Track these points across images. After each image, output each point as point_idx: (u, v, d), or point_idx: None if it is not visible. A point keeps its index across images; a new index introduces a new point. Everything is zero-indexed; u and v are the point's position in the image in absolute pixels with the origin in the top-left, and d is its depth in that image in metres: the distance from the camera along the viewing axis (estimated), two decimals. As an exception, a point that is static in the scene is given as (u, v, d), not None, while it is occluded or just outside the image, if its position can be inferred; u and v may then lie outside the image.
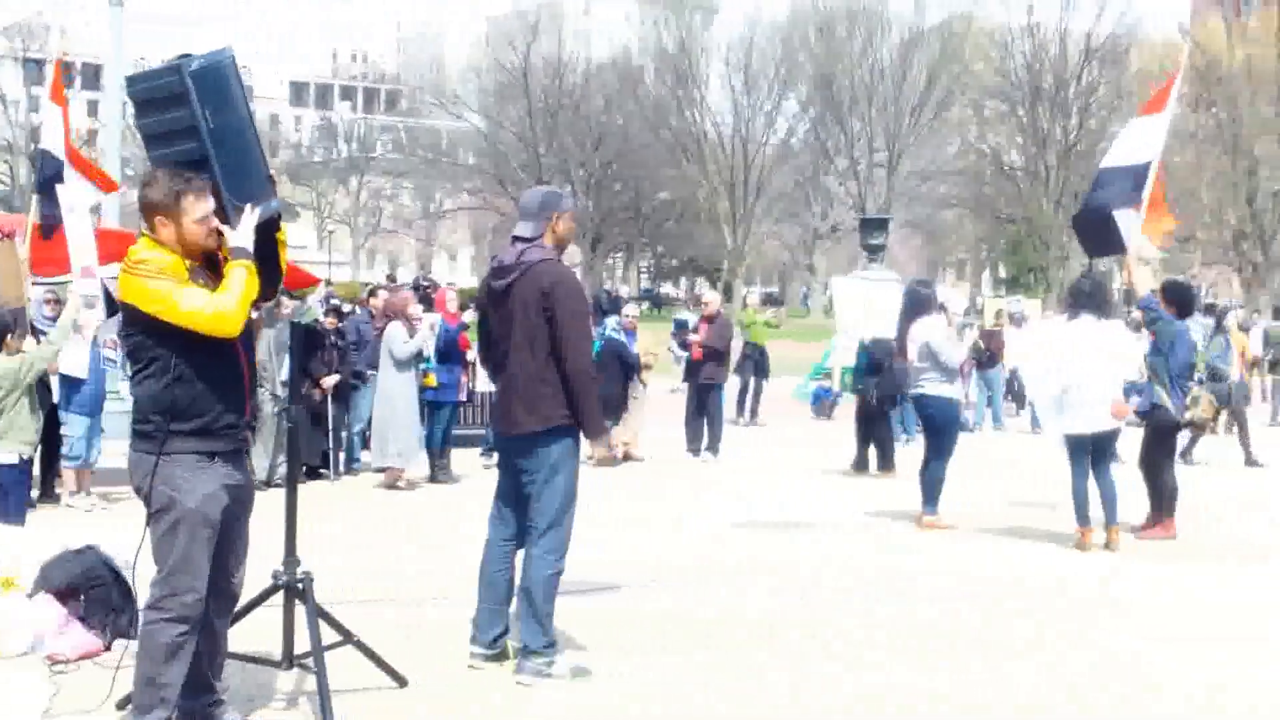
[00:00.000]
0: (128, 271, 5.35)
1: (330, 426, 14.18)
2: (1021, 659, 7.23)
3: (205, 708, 5.68)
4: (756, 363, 20.97)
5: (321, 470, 14.24)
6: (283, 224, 5.83)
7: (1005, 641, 7.62)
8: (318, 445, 14.18)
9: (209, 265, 5.51)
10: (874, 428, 15.61)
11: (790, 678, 6.76)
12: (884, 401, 15.55)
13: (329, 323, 14.67)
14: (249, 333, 5.59)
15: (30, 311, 11.73)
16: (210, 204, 5.40)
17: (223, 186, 5.46)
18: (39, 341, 10.67)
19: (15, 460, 8.68)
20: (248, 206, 5.50)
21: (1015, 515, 12.18)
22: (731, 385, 19.19)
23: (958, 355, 12.33)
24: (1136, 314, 11.49)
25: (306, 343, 13.89)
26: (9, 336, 8.83)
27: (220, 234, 5.47)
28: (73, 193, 10.86)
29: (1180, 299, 11.59)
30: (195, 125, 5.42)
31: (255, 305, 5.76)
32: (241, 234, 5.46)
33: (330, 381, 14.00)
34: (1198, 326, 16.13)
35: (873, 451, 15.60)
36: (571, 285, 6.68)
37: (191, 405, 5.35)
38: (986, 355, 21.41)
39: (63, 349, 10.66)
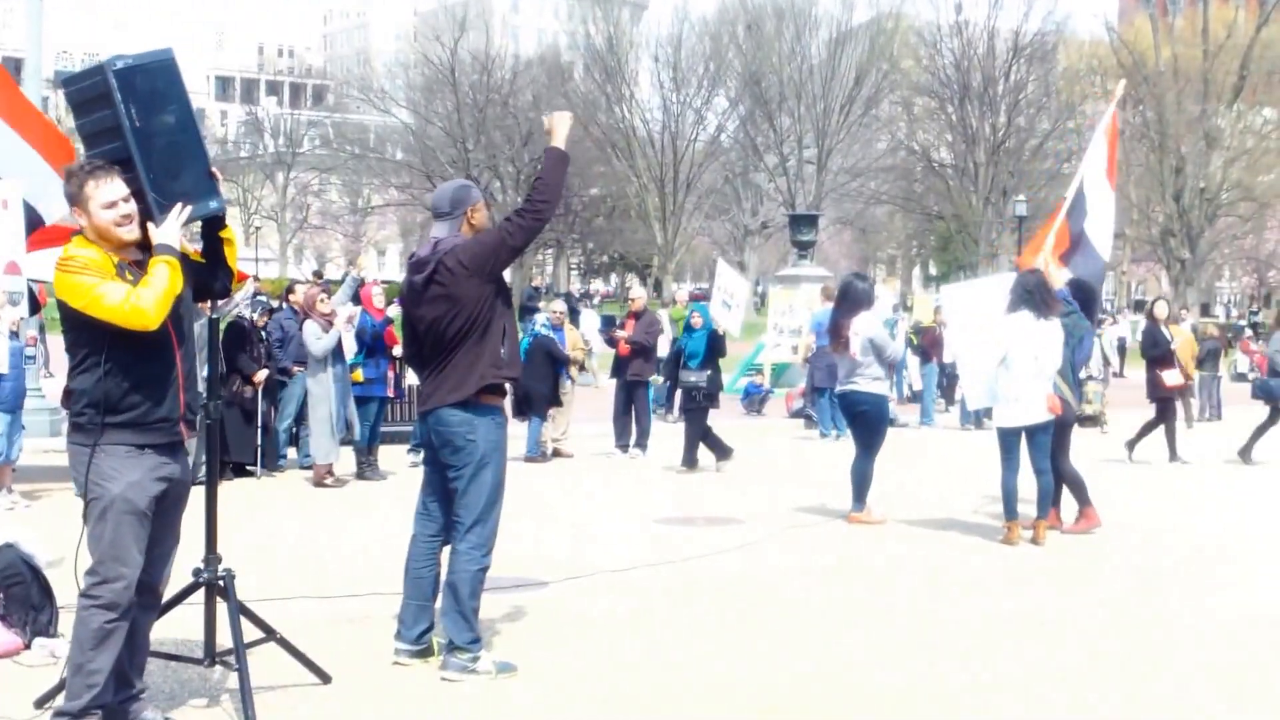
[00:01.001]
0: (58, 268, 5.36)
1: (260, 423, 14.10)
2: (921, 647, 7.30)
3: (123, 703, 5.64)
4: None
5: (249, 467, 14.13)
6: (227, 223, 5.81)
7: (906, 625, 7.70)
8: (249, 442, 14.08)
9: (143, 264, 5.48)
10: (698, 423, 15.55)
11: (711, 671, 6.77)
12: (711, 398, 15.46)
13: (257, 319, 14.57)
14: (183, 328, 5.54)
15: None
16: (117, 189, 5.39)
17: (146, 185, 5.45)
18: None
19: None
20: (177, 205, 5.48)
21: (945, 510, 12.29)
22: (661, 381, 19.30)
23: (899, 350, 12.41)
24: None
25: (236, 339, 13.80)
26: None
27: (146, 229, 5.45)
28: (4, 189, 10.69)
29: (1085, 297, 11.83)
30: (119, 124, 5.42)
31: (212, 302, 5.84)
32: (166, 230, 5.45)
33: (261, 377, 13.92)
34: (1126, 322, 16.38)
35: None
36: (478, 240, 6.59)
37: (123, 399, 5.37)
38: (920, 351, 21.63)
39: None
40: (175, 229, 5.46)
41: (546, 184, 6.61)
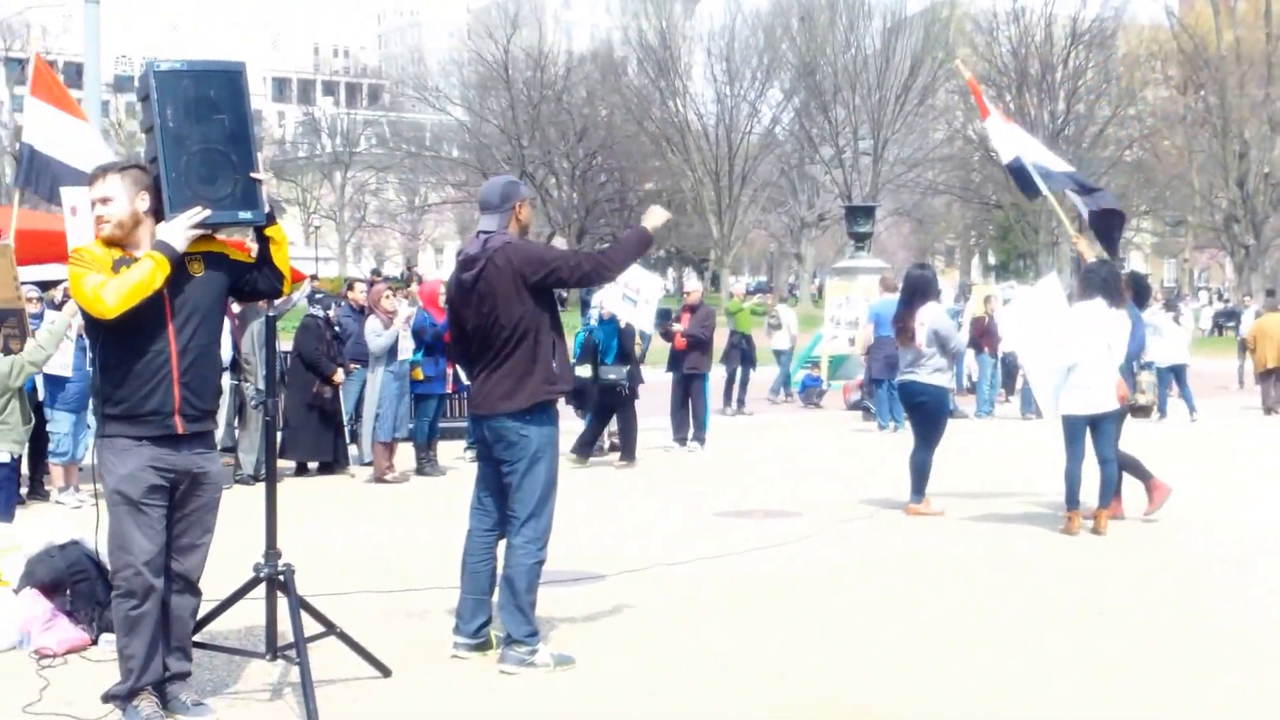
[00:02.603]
0: (68, 264, 5.67)
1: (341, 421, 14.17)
2: (982, 641, 7.27)
3: (160, 684, 5.79)
4: (744, 351, 20.87)
5: (332, 464, 14.26)
6: (278, 223, 5.90)
7: (976, 623, 7.67)
8: (329, 441, 14.15)
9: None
10: (627, 416, 15.48)
11: (771, 665, 6.79)
12: (635, 392, 15.41)
13: (331, 315, 14.60)
14: (187, 322, 5.64)
15: None
16: (97, 190, 5.61)
17: (164, 184, 5.59)
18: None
19: (7, 459, 8.71)
20: (195, 208, 5.60)
21: (1004, 501, 12.22)
22: (719, 374, 19.26)
23: (964, 342, 12.33)
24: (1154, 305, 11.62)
25: (312, 338, 13.87)
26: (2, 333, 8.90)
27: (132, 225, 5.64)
28: (78, 194, 10.86)
29: (1139, 287, 11.74)
30: (152, 124, 5.61)
31: (269, 302, 5.98)
32: (169, 229, 5.59)
33: (340, 377, 13.98)
34: (1189, 310, 16.23)
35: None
36: (539, 248, 6.79)
37: (116, 391, 5.58)
38: (972, 342, 21.48)
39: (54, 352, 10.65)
40: (180, 229, 5.58)
41: (620, 252, 6.77)
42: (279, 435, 15.08)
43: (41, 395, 11.88)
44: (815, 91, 68.67)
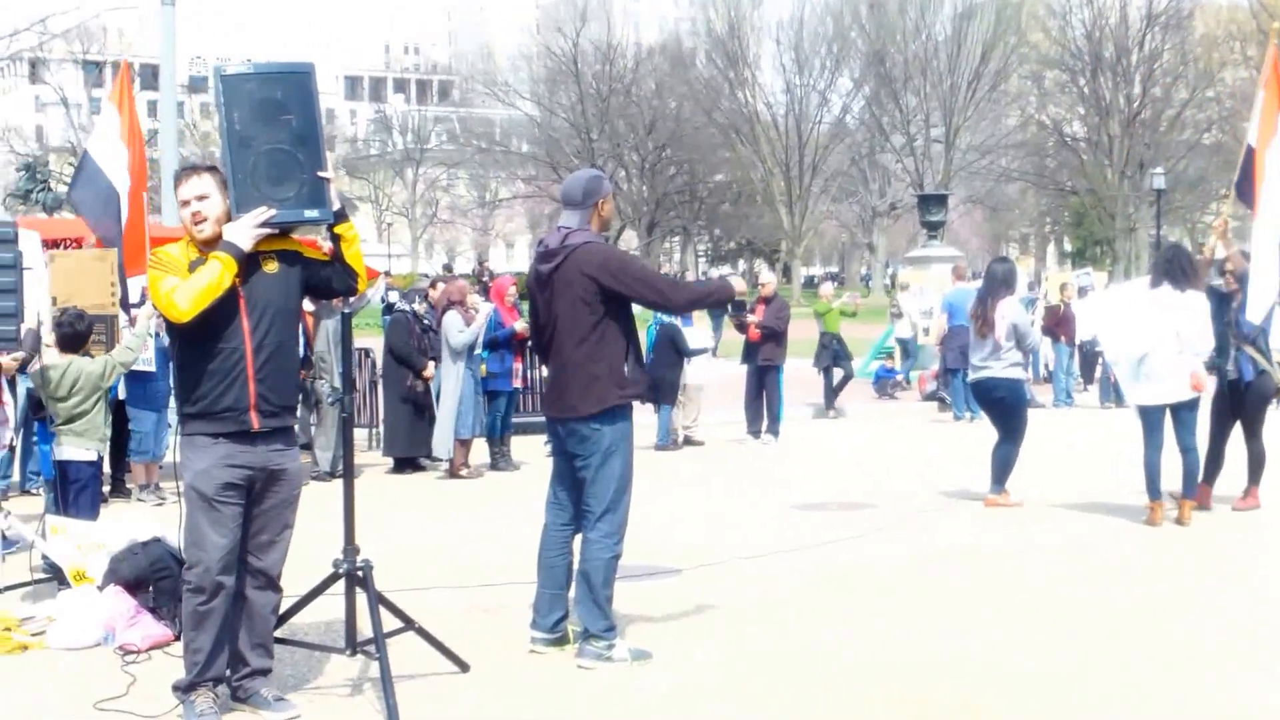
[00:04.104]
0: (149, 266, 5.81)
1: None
2: (1076, 631, 7.20)
3: (240, 680, 5.88)
4: (835, 352, 20.32)
5: (422, 461, 14.31)
6: (348, 220, 5.94)
7: (1062, 613, 7.60)
8: (423, 437, 14.19)
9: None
10: None
11: (851, 657, 6.76)
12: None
13: (419, 309, 14.62)
14: (263, 319, 5.69)
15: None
16: (191, 188, 5.71)
17: (230, 185, 5.67)
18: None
19: (93, 458, 8.83)
20: (261, 208, 5.65)
21: (1085, 491, 12.09)
22: (797, 370, 19.10)
23: (1038, 338, 12.16)
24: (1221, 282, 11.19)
25: (402, 334, 13.94)
26: (90, 339, 9.00)
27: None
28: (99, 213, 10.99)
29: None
30: (220, 125, 5.72)
31: (344, 300, 6.07)
32: (235, 229, 5.65)
33: (431, 371, 13.96)
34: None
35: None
36: (621, 257, 6.79)
37: (194, 388, 5.67)
38: (1048, 331, 21.26)
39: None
40: (246, 229, 5.63)
41: (696, 294, 7.10)
42: (378, 432, 15.31)
43: (123, 394, 12.05)
44: (885, 79, 68.35)
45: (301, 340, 11.85)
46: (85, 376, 8.77)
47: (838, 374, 19.86)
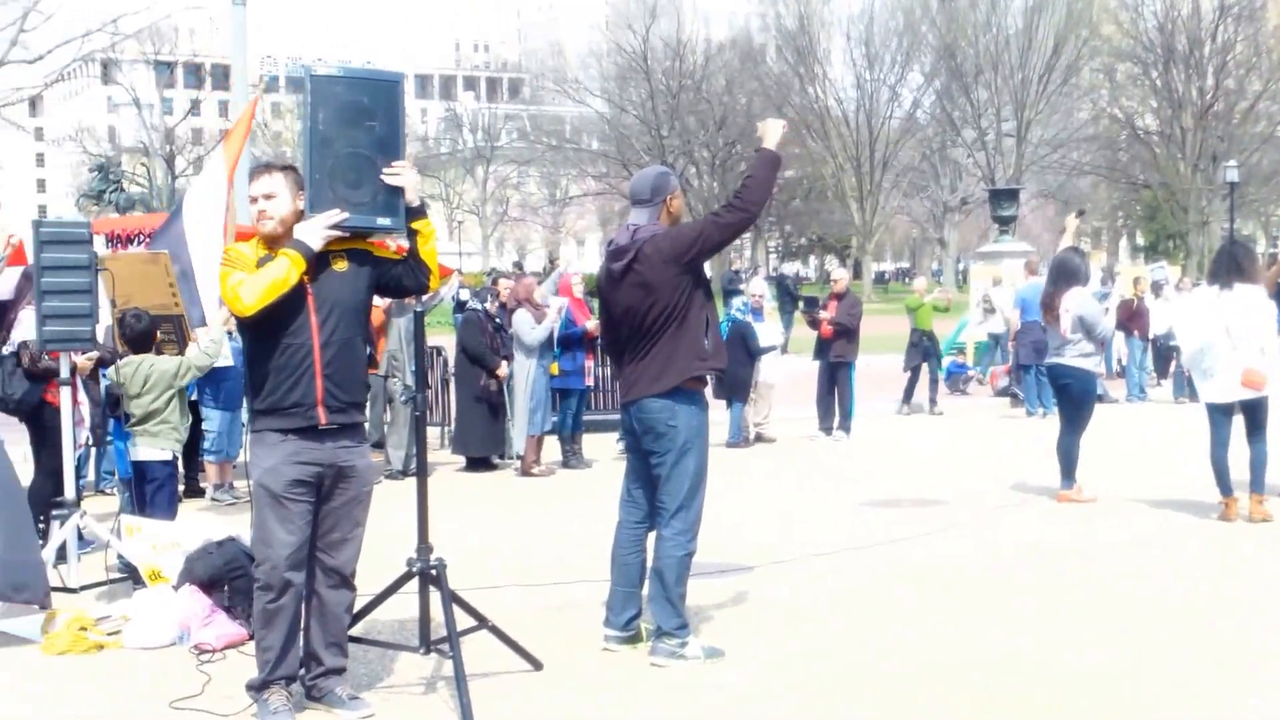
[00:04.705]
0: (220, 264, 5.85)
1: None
2: (1152, 631, 7.10)
3: (315, 679, 5.91)
4: (926, 349, 19.73)
5: (495, 460, 14.34)
6: (426, 217, 5.95)
7: (1138, 610, 7.49)
8: (497, 436, 14.21)
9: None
10: None
11: (925, 654, 6.70)
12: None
13: (490, 308, 14.64)
14: (330, 316, 5.72)
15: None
16: (260, 186, 5.76)
17: (307, 187, 5.72)
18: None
19: (169, 457, 8.91)
20: (333, 210, 5.69)
21: (1158, 487, 11.94)
22: (870, 365, 18.98)
23: (1111, 326, 12.00)
24: None
25: (475, 332, 13.98)
26: (158, 334, 9.06)
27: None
28: (195, 222, 11.09)
29: None
30: (303, 124, 5.77)
31: (416, 297, 6.11)
32: (306, 228, 5.70)
33: (505, 370, 13.97)
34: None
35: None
36: (673, 229, 6.67)
37: (263, 385, 5.71)
38: (1121, 325, 21.00)
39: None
40: (317, 229, 5.67)
41: (755, 183, 6.59)
42: (450, 431, 15.36)
43: (196, 394, 12.15)
44: (956, 73, 67.89)
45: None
46: (158, 375, 8.83)
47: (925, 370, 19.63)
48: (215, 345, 9.24)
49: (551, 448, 14.31)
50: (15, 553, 7.12)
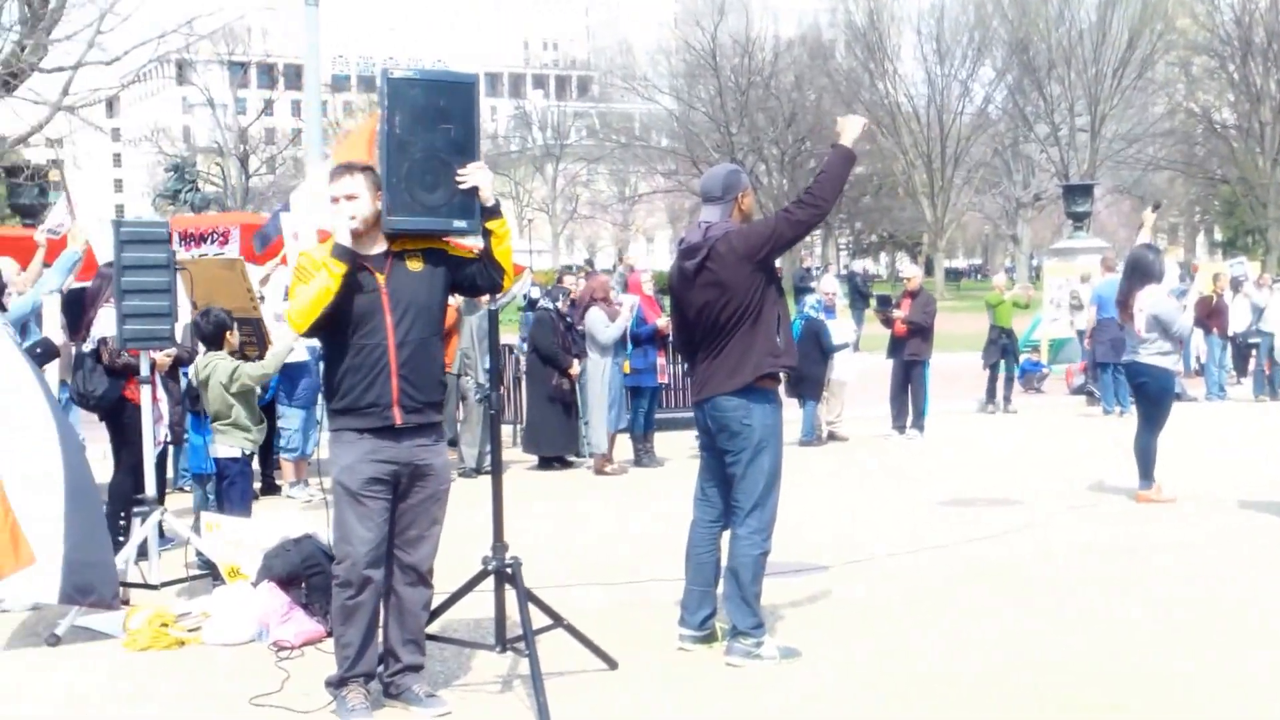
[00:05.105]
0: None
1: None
2: (1246, 637, 7.00)
3: (393, 676, 5.94)
4: (1004, 347, 19.46)
5: (570, 459, 14.34)
6: (501, 216, 5.95)
7: (1229, 615, 7.39)
8: (571, 434, 14.22)
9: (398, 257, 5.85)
10: None
11: (1001, 656, 6.64)
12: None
13: (561, 307, 14.68)
14: (405, 317, 5.75)
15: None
16: (343, 186, 5.79)
17: (384, 189, 5.74)
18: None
19: (238, 454, 8.97)
20: (384, 215, 5.74)
21: (1239, 486, 11.78)
22: (945, 364, 18.86)
23: (1188, 324, 11.82)
24: None
25: (547, 331, 14.00)
26: (227, 333, 9.12)
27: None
28: (298, 221, 11.17)
29: None
30: (381, 127, 5.78)
31: (491, 296, 6.16)
32: (334, 227, 5.77)
33: (577, 369, 13.98)
34: None
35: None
36: (745, 227, 6.65)
37: (339, 385, 5.77)
38: (1199, 322, 20.71)
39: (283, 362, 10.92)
40: (342, 223, 5.72)
41: (828, 179, 6.53)
42: (521, 429, 15.40)
43: (272, 393, 12.24)
44: (1029, 68, 67.22)
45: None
46: (214, 374, 8.89)
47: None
48: (276, 360, 9.28)
49: (624, 446, 14.32)
50: (84, 554, 7.18)
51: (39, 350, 8.87)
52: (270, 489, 12.63)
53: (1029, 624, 7.28)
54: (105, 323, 9.18)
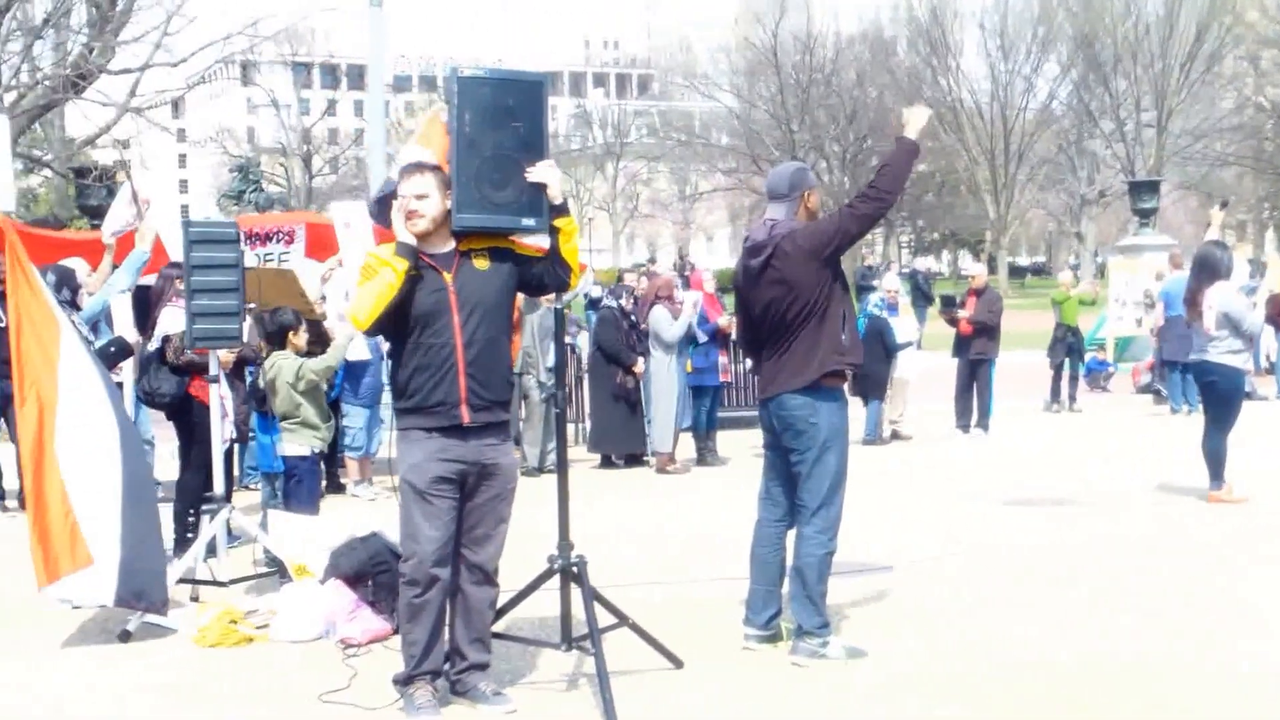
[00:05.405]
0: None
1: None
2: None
3: (458, 673, 5.97)
4: (1070, 345, 19.32)
5: (644, 457, 14.32)
6: (569, 214, 5.98)
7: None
8: (637, 432, 14.23)
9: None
10: None
11: (1067, 656, 6.59)
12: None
13: (625, 305, 14.70)
14: (472, 316, 5.77)
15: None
16: (414, 185, 5.81)
17: (455, 187, 5.78)
18: None
19: (307, 453, 9.04)
20: (453, 213, 5.79)
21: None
22: (1013, 362, 18.73)
23: (1259, 322, 11.65)
24: None
25: (611, 329, 14.01)
26: (291, 334, 9.18)
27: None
28: (350, 210, 11.25)
29: None
30: (451, 125, 5.81)
31: (557, 295, 6.36)
32: (394, 225, 5.81)
33: (641, 366, 13.96)
34: None
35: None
36: (817, 223, 6.62)
37: (407, 384, 5.80)
38: (1270, 320, 20.45)
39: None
40: (398, 221, 5.76)
41: (892, 172, 6.49)
42: (583, 427, 15.44)
43: (336, 392, 12.32)
44: (1094, 63, 66.61)
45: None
46: (280, 374, 8.96)
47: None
48: (337, 354, 9.33)
49: (686, 445, 14.31)
50: (139, 559, 7.27)
51: (113, 349, 8.97)
52: (335, 488, 12.71)
53: (1096, 626, 7.21)
54: (168, 322, 9.28)
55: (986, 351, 16.37)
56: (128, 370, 10.88)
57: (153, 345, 9.47)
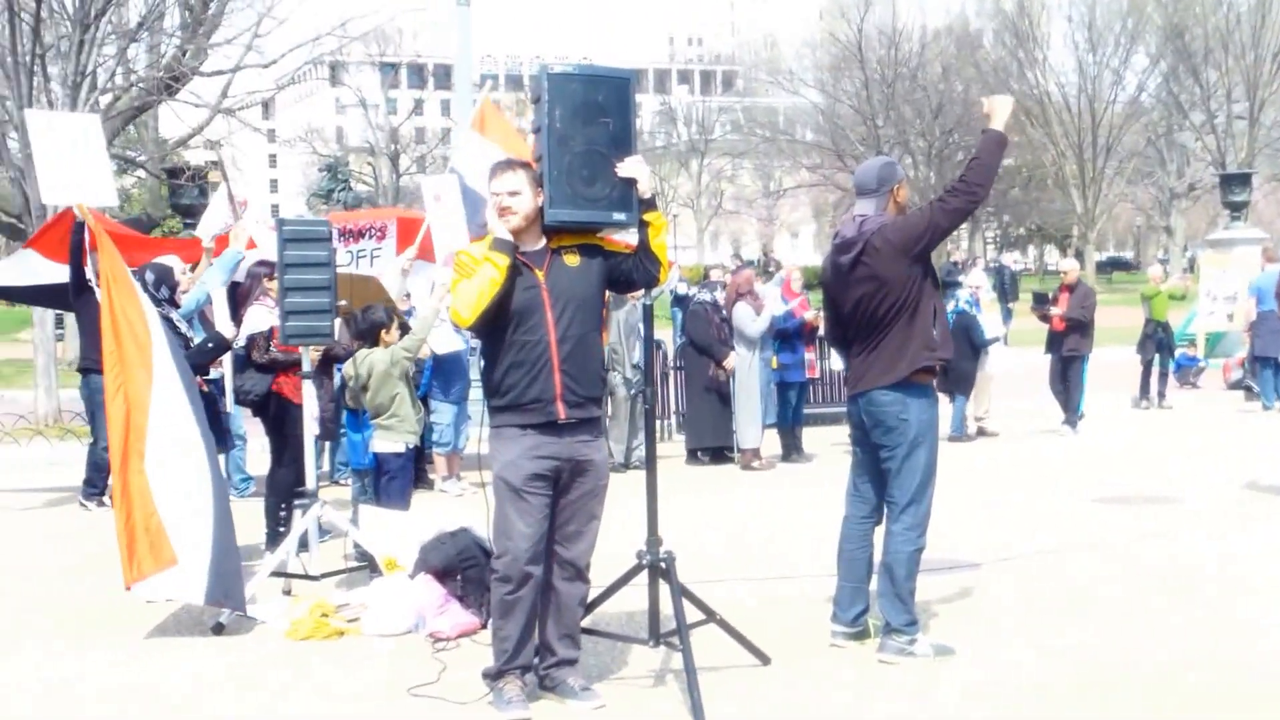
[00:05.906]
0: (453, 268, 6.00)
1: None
2: None
3: (546, 669, 6.01)
4: (1160, 340, 19.18)
5: (728, 453, 14.31)
6: (658, 209, 6.03)
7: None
8: (726, 427, 14.25)
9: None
10: None
11: (1163, 656, 6.52)
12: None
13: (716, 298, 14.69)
14: (565, 313, 5.82)
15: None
16: (506, 182, 5.86)
17: (546, 183, 5.81)
18: None
19: (402, 449, 9.13)
20: (546, 209, 5.82)
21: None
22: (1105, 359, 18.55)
23: None
24: None
25: (701, 324, 14.04)
26: (383, 331, 9.27)
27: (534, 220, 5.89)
28: (441, 183, 11.29)
29: None
30: (541, 125, 5.85)
31: (646, 291, 6.36)
32: (490, 223, 5.85)
33: (732, 361, 13.94)
34: None
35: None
36: (908, 219, 6.57)
37: (501, 382, 5.84)
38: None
39: (430, 335, 11.04)
40: (493, 218, 5.81)
41: (982, 165, 6.44)
42: (669, 424, 15.49)
43: (424, 388, 12.42)
44: (1184, 55, 65.57)
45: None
46: (376, 369, 9.04)
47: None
48: (425, 326, 9.40)
49: (771, 441, 14.30)
50: (225, 560, 7.43)
51: (210, 345, 9.10)
52: (421, 483, 12.81)
53: (1186, 625, 7.13)
54: (254, 320, 9.41)
55: (1079, 348, 16.20)
56: (227, 364, 11.05)
57: (239, 344, 9.60)
